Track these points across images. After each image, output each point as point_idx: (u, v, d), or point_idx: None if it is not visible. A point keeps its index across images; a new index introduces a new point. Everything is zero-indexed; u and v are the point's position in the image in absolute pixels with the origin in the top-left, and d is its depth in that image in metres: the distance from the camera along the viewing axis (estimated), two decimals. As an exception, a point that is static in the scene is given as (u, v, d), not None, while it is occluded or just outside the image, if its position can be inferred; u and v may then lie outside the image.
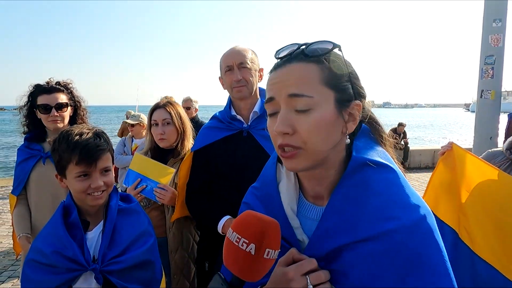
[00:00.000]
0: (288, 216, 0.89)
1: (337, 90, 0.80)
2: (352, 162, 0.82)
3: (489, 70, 4.54)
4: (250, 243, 0.74)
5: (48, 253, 1.30)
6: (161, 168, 2.13)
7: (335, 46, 0.82)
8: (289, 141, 0.79)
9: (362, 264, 0.75)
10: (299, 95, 0.77)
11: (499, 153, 2.04)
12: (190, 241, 2.22)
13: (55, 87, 2.14)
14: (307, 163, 0.80)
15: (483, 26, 4.64)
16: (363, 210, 0.78)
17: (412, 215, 0.76)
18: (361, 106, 0.84)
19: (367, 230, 0.76)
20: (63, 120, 2.14)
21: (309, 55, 0.80)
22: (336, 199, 0.82)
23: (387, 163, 0.84)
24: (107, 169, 1.41)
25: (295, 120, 0.78)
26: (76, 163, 1.33)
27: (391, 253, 0.73)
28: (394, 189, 0.80)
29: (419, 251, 0.73)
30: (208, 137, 1.96)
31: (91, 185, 1.35)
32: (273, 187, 0.94)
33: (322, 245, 0.81)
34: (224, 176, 1.90)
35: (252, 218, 0.78)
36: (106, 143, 1.41)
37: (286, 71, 0.81)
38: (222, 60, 1.88)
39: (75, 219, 1.36)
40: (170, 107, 2.25)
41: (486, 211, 1.77)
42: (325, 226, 0.82)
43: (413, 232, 0.75)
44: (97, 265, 1.31)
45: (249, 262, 0.75)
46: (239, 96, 1.86)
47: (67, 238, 1.31)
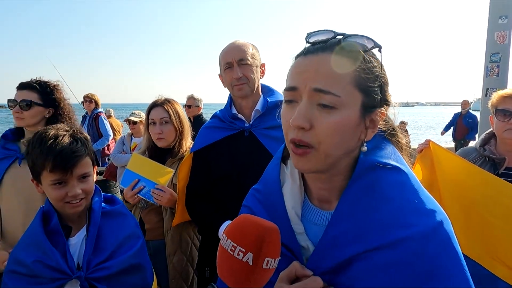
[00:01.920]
0: (292, 221, 0.82)
1: (366, 94, 0.74)
2: (360, 164, 0.76)
3: (494, 68, 4.45)
4: (247, 252, 0.66)
5: (29, 263, 1.22)
6: (159, 168, 2.06)
7: (375, 46, 0.75)
8: (303, 137, 0.71)
9: (374, 276, 0.69)
10: (325, 91, 0.70)
11: (472, 150, 2.04)
12: (188, 244, 2.16)
13: (29, 84, 2.06)
14: (318, 165, 0.74)
15: (489, 23, 4.55)
16: (375, 216, 0.72)
17: (428, 221, 0.71)
18: (384, 114, 0.78)
19: (379, 238, 0.70)
20: (25, 119, 2.02)
21: (346, 49, 0.72)
22: (345, 204, 0.75)
23: (397, 164, 0.78)
24: (85, 175, 1.32)
25: (314, 115, 0.71)
26: (50, 170, 1.24)
27: (407, 262, 0.68)
28: (407, 193, 0.74)
29: (437, 260, 0.68)
30: (208, 137, 1.88)
31: (68, 193, 1.27)
32: (276, 189, 0.87)
33: (330, 254, 0.74)
34: (225, 178, 1.82)
35: (249, 223, 0.70)
36: (84, 147, 1.31)
37: (317, 61, 0.72)
38: (221, 56, 1.79)
39: (55, 225, 1.28)
40: (168, 105, 2.19)
41: (464, 206, 1.78)
42: (333, 233, 0.75)
43: (430, 239, 0.69)
44: (82, 273, 1.23)
45: (246, 273, 0.67)
46: (240, 94, 1.78)
47: (48, 246, 1.23)
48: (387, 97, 0.79)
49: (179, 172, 2.04)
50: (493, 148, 1.94)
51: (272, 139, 1.72)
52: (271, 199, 0.88)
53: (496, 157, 1.89)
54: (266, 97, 1.86)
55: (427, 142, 2.02)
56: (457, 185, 1.84)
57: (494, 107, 1.93)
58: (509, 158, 1.86)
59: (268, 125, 1.77)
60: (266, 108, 1.81)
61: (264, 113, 1.81)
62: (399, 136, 0.86)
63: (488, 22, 4.57)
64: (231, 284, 0.69)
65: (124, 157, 4.41)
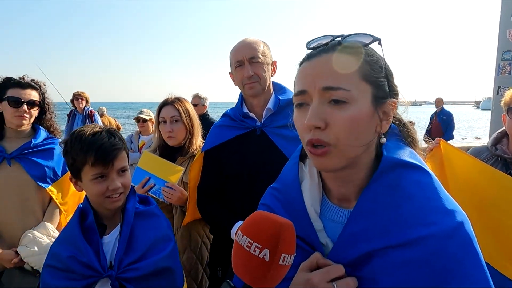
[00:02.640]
0: (311, 218, 0.82)
1: (375, 86, 0.75)
2: (384, 162, 0.76)
3: (506, 66, 4.39)
4: (263, 248, 0.66)
5: (64, 257, 1.26)
6: (169, 166, 2.07)
7: (374, 39, 0.76)
8: (320, 136, 0.72)
9: (395, 272, 0.69)
10: (335, 88, 0.71)
11: (484, 149, 2.02)
12: (198, 242, 2.17)
13: (30, 83, 2.04)
14: (339, 162, 0.74)
15: (500, 20, 4.49)
16: (396, 214, 0.72)
17: (449, 220, 0.71)
18: (396, 105, 0.79)
19: (400, 236, 0.70)
20: (30, 119, 2.03)
21: (348, 47, 0.74)
22: (366, 201, 0.76)
23: (420, 164, 0.78)
24: (123, 168, 1.36)
25: (328, 113, 0.71)
26: (92, 165, 1.27)
27: (427, 261, 0.68)
28: (428, 192, 0.75)
29: (457, 259, 0.68)
30: (219, 136, 1.86)
31: (109, 187, 1.29)
32: (295, 187, 0.87)
33: (349, 249, 0.75)
34: (236, 178, 1.81)
35: (265, 219, 0.70)
36: (121, 141, 1.35)
37: (321, 62, 0.74)
38: (232, 54, 1.77)
39: (91, 223, 1.31)
40: (179, 103, 2.19)
41: (475, 206, 1.74)
42: (353, 229, 0.76)
43: (451, 239, 0.69)
44: (113, 272, 1.25)
45: (262, 269, 0.67)
46: (251, 93, 1.75)
47: (82, 243, 1.26)
48: (395, 88, 0.80)
49: (190, 171, 2.04)
50: (505, 147, 1.91)
51: (284, 138, 1.70)
52: (290, 197, 0.88)
53: (508, 156, 1.86)
54: (278, 95, 1.83)
55: (437, 141, 2.00)
56: (468, 184, 1.82)
57: (506, 105, 1.90)
58: None
59: (280, 124, 1.75)
60: (278, 107, 1.78)
61: (275, 112, 1.78)
62: (411, 130, 0.87)
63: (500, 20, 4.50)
64: (247, 281, 0.69)
65: (132, 156, 4.44)
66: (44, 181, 2.02)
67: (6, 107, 1.96)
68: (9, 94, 1.96)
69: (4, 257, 1.89)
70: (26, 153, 2.00)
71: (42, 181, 2.01)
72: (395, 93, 0.80)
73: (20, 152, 1.99)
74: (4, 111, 1.98)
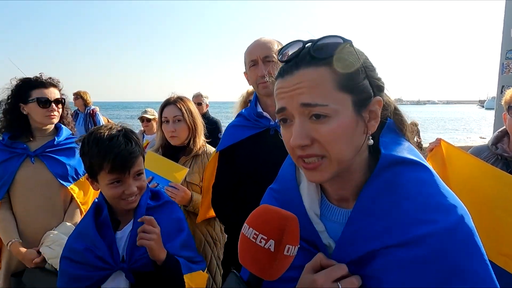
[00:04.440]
0: (312, 220, 0.83)
1: (354, 93, 0.73)
2: (382, 160, 0.76)
3: (510, 65, 4.37)
4: (269, 239, 0.69)
5: (81, 250, 1.31)
6: (173, 166, 2.09)
7: (345, 42, 0.73)
8: (310, 152, 0.73)
9: (398, 271, 0.70)
10: (312, 104, 0.70)
11: (484, 148, 2.03)
12: (202, 241, 2.18)
13: (51, 82, 2.06)
14: (332, 172, 0.75)
15: (505, 19, 4.47)
16: (396, 212, 0.73)
17: (449, 217, 0.71)
18: (381, 102, 0.77)
19: (401, 235, 0.71)
20: (58, 116, 2.07)
21: (317, 57, 0.72)
22: (365, 200, 0.76)
23: (418, 160, 0.78)
24: (139, 172, 1.38)
25: (311, 130, 0.72)
26: (108, 172, 1.29)
27: (430, 258, 0.68)
28: (428, 188, 0.75)
29: (459, 256, 0.69)
30: (234, 136, 1.87)
31: (125, 191, 1.32)
32: (293, 190, 0.88)
33: (351, 249, 0.76)
34: (250, 177, 1.80)
35: (270, 212, 0.74)
36: (137, 146, 1.36)
37: (295, 79, 0.73)
38: (246, 54, 1.79)
39: (105, 218, 1.35)
40: (181, 103, 2.20)
41: (476, 204, 1.73)
42: (353, 228, 0.76)
43: (452, 235, 0.70)
44: (125, 265, 1.31)
45: (268, 259, 0.70)
46: (265, 92, 1.76)
47: (96, 237, 1.31)
48: (377, 82, 0.78)
49: (205, 171, 2.05)
50: (506, 146, 1.92)
51: None
52: (288, 198, 0.89)
53: (508, 155, 1.87)
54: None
55: (438, 140, 2.01)
56: (469, 183, 1.82)
57: (507, 104, 1.91)
58: None
59: None
60: None
61: None
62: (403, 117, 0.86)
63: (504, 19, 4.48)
64: (254, 271, 0.72)
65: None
66: (66, 179, 2.04)
67: (35, 108, 1.98)
68: (36, 95, 1.97)
69: (27, 256, 1.90)
70: (49, 151, 2.03)
71: (64, 179, 2.03)
72: (380, 86, 0.78)
73: (43, 150, 2.02)
74: (32, 112, 1.99)
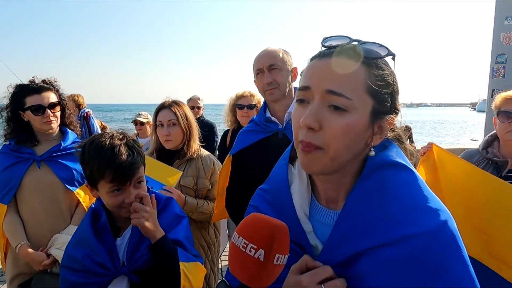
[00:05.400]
0: (301, 220, 0.84)
1: (377, 100, 0.75)
2: (369, 162, 0.78)
3: (500, 69, 4.44)
4: (258, 249, 0.69)
5: (80, 257, 1.29)
6: (167, 169, 2.09)
7: (389, 54, 0.76)
8: (311, 140, 0.73)
9: (382, 271, 0.71)
10: (338, 93, 0.71)
11: (475, 152, 2.04)
12: (196, 246, 2.17)
13: (44, 86, 2.01)
14: (324, 167, 0.75)
15: (494, 24, 4.54)
16: (382, 213, 0.74)
17: (434, 219, 0.73)
18: (393, 122, 0.79)
19: (387, 235, 0.72)
20: (57, 120, 2.04)
21: (361, 55, 0.73)
22: (353, 201, 0.77)
23: (404, 163, 0.80)
24: (140, 180, 1.36)
25: (325, 116, 0.72)
26: (109, 181, 1.27)
27: (413, 259, 0.70)
28: (414, 191, 0.76)
29: (443, 257, 0.70)
30: (245, 140, 1.96)
31: (125, 200, 1.30)
32: (284, 188, 0.89)
33: (338, 250, 0.77)
34: (261, 179, 1.86)
35: (260, 221, 0.73)
36: (139, 156, 1.34)
37: (331, 63, 0.73)
38: (254, 63, 1.89)
39: (104, 224, 1.33)
40: (176, 107, 2.20)
41: (467, 208, 1.78)
42: (341, 230, 0.77)
43: (436, 237, 0.71)
44: (125, 268, 1.29)
45: (258, 269, 0.70)
46: (271, 98, 1.86)
47: (95, 243, 1.28)
48: (397, 105, 0.80)
49: (219, 175, 2.13)
50: (496, 151, 1.93)
51: None
52: (279, 198, 0.90)
53: (499, 159, 1.88)
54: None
55: (430, 145, 2.04)
56: (460, 187, 1.85)
57: (497, 109, 1.93)
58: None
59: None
60: None
61: None
62: (405, 143, 0.88)
63: (494, 24, 4.56)
64: (243, 280, 0.72)
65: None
66: (72, 184, 2.03)
67: (31, 116, 1.97)
68: (29, 103, 1.94)
69: (36, 259, 1.88)
70: (55, 156, 2.02)
71: (70, 184, 2.02)
72: (396, 110, 0.80)
73: (50, 154, 2.01)
74: (31, 120, 1.99)
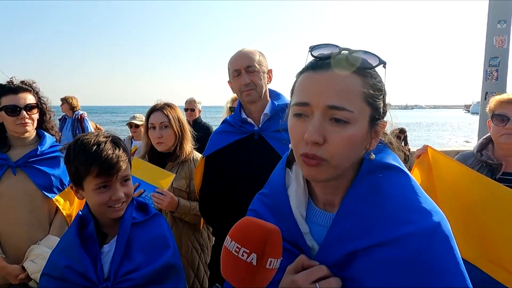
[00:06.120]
0: (298, 222, 0.85)
1: (373, 108, 0.77)
2: (365, 165, 0.80)
3: (493, 72, 4.47)
4: (251, 253, 0.69)
5: (61, 267, 1.24)
6: (159, 172, 2.08)
7: (381, 62, 0.77)
8: (316, 152, 0.74)
9: (377, 270, 0.72)
10: (340, 108, 0.72)
11: (470, 155, 2.05)
12: (189, 248, 2.17)
13: (22, 86, 1.91)
14: (328, 176, 0.77)
15: (488, 27, 4.57)
16: (377, 213, 0.75)
17: (428, 220, 0.74)
18: (386, 125, 0.82)
19: (382, 234, 0.73)
20: (32, 123, 1.93)
21: (355, 66, 0.74)
22: (349, 202, 0.79)
23: (398, 165, 0.82)
24: (126, 178, 1.35)
25: (328, 130, 0.73)
26: (96, 175, 1.25)
27: (408, 259, 0.71)
28: (408, 193, 0.78)
29: (436, 258, 0.71)
30: (219, 141, 1.93)
31: (112, 197, 1.28)
32: (281, 191, 0.90)
33: (334, 250, 0.78)
34: (236, 181, 1.86)
35: (253, 225, 0.73)
36: (125, 151, 1.34)
37: (328, 77, 0.74)
38: (230, 64, 1.86)
39: (91, 232, 1.29)
40: (168, 110, 2.20)
41: (462, 211, 1.78)
42: (337, 230, 0.78)
43: (431, 238, 0.72)
44: (109, 283, 1.23)
45: (250, 273, 0.70)
46: (248, 99, 1.84)
47: (80, 252, 1.24)
48: (386, 108, 0.82)
49: (194, 178, 2.07)
50: (491, 153, 1.94)
51: (281, 141, 1.76)
52: (277, 201, 0.91)
53: (493, 162, 1.89)
54: (274, 101, 1.91)
55: (425, 147, 2.04)
56: (455, 189, 1.85)
57: (491, 112, 1.94)
58: (506, 163, 1.87)
59: (276, 128, 1.81)
60: (274, 111, 1.86)
61: (272, 116, 1.85)
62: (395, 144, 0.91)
63: (487, 27, 4.59)
64: (236, 284, 0.72)
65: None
66: (50, 190, 1.93)
67: (4, 117, 1.86)
68: (4, 103, 1.85)
69: (11, 272, 1.79)
70: (32, 161, 1.91)
71: (48, 190, 1.92)
72: (385, 111, 0.83)
73: (26, 160, 1.89)
74: (4, 121, 1.88)
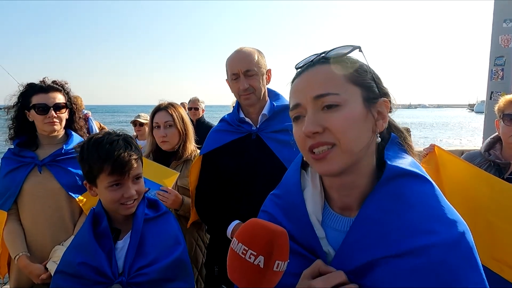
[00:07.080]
0: (314, 226, 0.83)
1: (363, 87, 0.79)
2: (387, 171, 0.77)
3: (499, 71, 4.43)
4: (258, 255, 0.68)
5: (76, 263, 1.27)
6: (164, 170, 2.09)
7: (355, 48, 0.81)
8: (321, 139, 0.75)
9: (397, 281, 0.70)
10: (324, 94, 0.75)
11: (477, 154, 2.03)
12: (193, 245, 2.18)
13: (53, 86, 1.94)
14: (342, 163, 0.75)
15: (493, 26, 4.53)
16: (398, 222, 0.73)
17: (451, 230, 0.72)
18: (389, 103, 0.82)
19: (403, 244, 0.71)
20: (60, 123, 1.94)
21: (332, 58, 0.79)
22: (369, 209, 0.76)
23: (422, 173, 0.80)
24: (138, 176, 1.38)
25: (323, 118, 0.75)
26: (108, 174, 1.29)
27: (429, 270, 0.68)
28: (431, 201, 0.76)
29: (459, 270, 0.69)
30: (216, 140, 1.92)
31: (124, 195, 1.32)
32: (297, 195, 0.88)
33: (352, 257, 0.75)
34: (233, 180, 1.86)
35: (260, 227, 0.72)
36: (137, 150, 1.38)
37: (309, 75, 0.80)
38: (228, 65, 1.83)
39: (105, 228, 1.33)
40: (172, 109, 2.22)
41: (470, 210, 1.76)
42: (355, 237, 0.76)
43: (453, 249, 0.70)
44: (124, 278, 1.27)
45: (257, 275, 0.69)
46: (247, 103, 1.83)
47: (95, 248, 1.27)
48: (385, 90, 0.84)
49: (190, 175, 2.06)
50: (498, 153, 1.92)
51: (278, 141, 1.75)
52: (291, 203, 0.89)
53: (501, 161, 1.87)
54: (272, 101, 1.89)
55: (432, 146, 2.02)
56: (463, 189, 1.83)
57: (501, 112, 1.91)
58: None
59: (274, 129, 1.80)
60: (273, 112, 1.84)
61: (270, 117, 1.84)
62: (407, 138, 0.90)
63: (493, 26, 4.55)
64: (242, 286, 0.71)
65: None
66: (74, 190, 1.92)
67: (34, 115, 1.89)
68: (34, 101, 1.88)
69: (33, 271, 1.80)
70: (58, 160, 1.91)
71: (72, 190, 1.91)
72: (386, 94, 0.84)
73: (52, 159, 1.91)
74: (34, 119, 1.91)
